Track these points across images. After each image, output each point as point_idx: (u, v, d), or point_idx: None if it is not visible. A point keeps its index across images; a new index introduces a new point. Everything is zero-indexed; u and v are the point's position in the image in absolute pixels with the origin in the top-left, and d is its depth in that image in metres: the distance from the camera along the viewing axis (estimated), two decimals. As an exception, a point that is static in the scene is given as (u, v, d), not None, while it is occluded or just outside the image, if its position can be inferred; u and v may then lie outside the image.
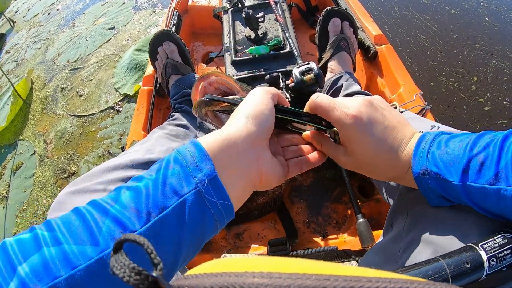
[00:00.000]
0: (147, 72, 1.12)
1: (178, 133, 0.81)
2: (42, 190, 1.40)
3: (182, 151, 0.35)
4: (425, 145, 0.39)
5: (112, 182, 0.55)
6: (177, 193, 0.32)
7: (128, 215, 0.30)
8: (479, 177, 0.34)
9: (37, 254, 0.27)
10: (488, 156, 0.34)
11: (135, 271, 0.14)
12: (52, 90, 1.78)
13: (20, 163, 1.52)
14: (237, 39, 1.06)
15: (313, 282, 0.14)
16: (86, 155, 1.44)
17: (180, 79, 0.96)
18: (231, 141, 0.36)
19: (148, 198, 0.31)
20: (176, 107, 0.92)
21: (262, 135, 0.39)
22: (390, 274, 0.16)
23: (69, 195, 0.52)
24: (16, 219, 1.35)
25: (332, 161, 0.47)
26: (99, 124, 1.53)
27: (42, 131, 1.61)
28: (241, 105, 0.41)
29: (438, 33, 1.60)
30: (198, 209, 0.33)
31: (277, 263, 0.16)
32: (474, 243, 0.35)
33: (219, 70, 0.60)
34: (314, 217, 0.90)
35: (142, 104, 1.05)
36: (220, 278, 0.14)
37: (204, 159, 0.34)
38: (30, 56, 2.15)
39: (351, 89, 0.85)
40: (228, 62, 1.00)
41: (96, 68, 1.81)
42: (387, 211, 0.86)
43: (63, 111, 1.65)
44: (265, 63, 0.97)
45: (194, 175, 0.33)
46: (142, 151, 0.66)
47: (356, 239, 0.80)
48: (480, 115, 1.29)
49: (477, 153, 0.35)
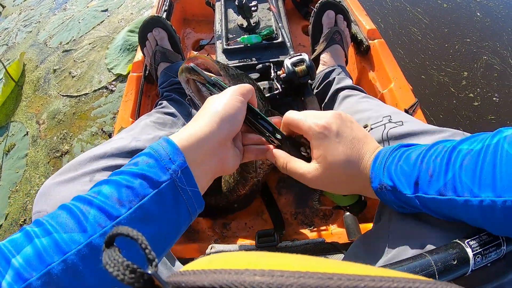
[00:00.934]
0: (136, 58, 1.09)
1: (165, 121, 0.79)
2: (35, 170, 1.39)
3: (156, 147, 0.39)
4: (382, 160, 0.41)
5: (98, 171, 0.54)
6: (154, 183, 0.36)
7: (111, 203, 0.33)
8: (429, 188, 0.36)
9: (29, 246, 0.29)
10: (436, 167, 0.35)
11: (130, 269, 0.13)
12: (44, 72, 1.76)
13: (12, 144, 1.50)
14: (229, 27, 1.04)
15: (316, 281, 0.14)
16: (80, 134, 1.44)
17: (169, 67, 0.94)
18: (200, 140, 0.40)
19: (128, 189, 0.35)
20: (164, 95, 0.90)
21: (229, 135, 0.43)
22: (393, 273, 0.16)
23: (54, 186, 0.51)
24: (9, 200, 1.34)
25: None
26: (92, 104, 1.52)
27: (34, 112, 1.59)
28: (214, 102, 0.44)
29: (429, 26, 1.61)
30: (172, 195, 0.37)
31: (279, 260, 0.15)
32: (460, 240, 0.35)
33: (210, 56, 0.63)
34: (301, 209, 0.91)
35: (131, 91, 1.02)
36: (219, 275, 0.13)
37: (176, 153, 0.38)
38: (21, 40, 2.11)
39: (343, 83, 0.84)
40: (220, 50, 0.98)
41: (88, 50, 1.79)
42: (373, 205, 0.87)
43: (55, 92, 1.63)
44: (257, 52, 0.96)
45: (168, 167, 0.37)
46: (128, 138, 0.65)
47: (342, 231, 0.81)
48: (470, 110, 1.31)
49: (427, 165, 0.36)
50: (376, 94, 0.97)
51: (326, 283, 0.14)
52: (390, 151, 0.41)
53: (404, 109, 0.84)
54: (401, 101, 0.87)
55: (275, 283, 0.13)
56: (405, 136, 0.58)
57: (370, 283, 0.14)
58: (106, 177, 0.53)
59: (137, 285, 0.13)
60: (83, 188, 0.50)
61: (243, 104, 0.45)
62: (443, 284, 0.16)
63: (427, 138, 0.55)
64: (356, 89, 0.83)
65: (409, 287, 0.15)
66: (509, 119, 1.28)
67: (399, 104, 0.87)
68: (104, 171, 0.55)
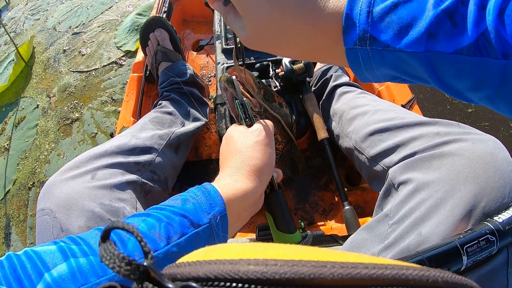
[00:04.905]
0: (137, 59, 1.10)
1: (164, 120, 0.80)
2: (45, 137, 1.41)
3: (198, 191, 0.42)
4: (363, 2, 0.27)
5: (99, 169, 0.56)
6: (194, 224, 0.38)
7: (151, 236, 0.35)
8: (453, 42, 0.24)
9: (64, 263, 0.30)
10: (463, 13, 0.24)
11: (125, 261, 0.13)
12: (54, 53, 1.80)
13: (23, 117, 1.53)
14: (228, 27, 1.04)
15: (310, 269, 0.14)
16: (90, 103, 1.46)
17: (169, 66, 0.95)
18: (239, 196, 0.43)
19: (169, 225, 0.36)
20: (163, 95, 0.91)
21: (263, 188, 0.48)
22: (386, 261, 0.16)
23: (56, 183, 0.52)
24: (18, 167, 1.36)
25: (319, 149, 0.48)
26: (102, 77, 1.55)
27: (45, 87, 1.62)
28: (252, 158, 0.48)
29: None
30: (207, 238, 0.39)
31: (273, 250, 0.15)
32: (460, 244, 0.34)
33: (253, 74, 0.69)
34: (301, 205, 0.91)
35: (132, 91, 1.03)
36: (214, 265, 0.14)
37: (218, 200, 0.41)
38: (29, 26, 2.13)
39: (340, 80, 0.85)
40: (219, 50, 0.99)
41: (98, 32, 1.84)
42: (372, 200, 0.87)
43: (66, 69, 1.67)
44: (256, 51, 0.96)
45: (209, 211, 0.39)
46: (128, 137, 0.67)
47: (342, 226, 0.81)
48: (463, 116, 1.29)
49: (447, 8, 0.24)
50: (374, 91, 0.97)
51: (319, 271, 0.14)
52: None
53: (401, 104, 0.84)
54: (398, 97, 0.88)
55: (269, 271, 0.14)
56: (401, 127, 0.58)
57: (364, 270, 0.15)
58: (107, 175, 0.56)
59: (132, 277, 0.13)
60: (85, 185, 0.51)
61: (272, 154, 0.50)
62: (436, 271, 0.16)
63: (423, 128, 0.54)
64: (353, 85, 0.83)
65: (403, 273, 0.15)
66: (503, 125, 1.26)
67: (396, 99, 0.88)
68: (106, 168, 0.57)
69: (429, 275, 0.16)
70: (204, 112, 0.94)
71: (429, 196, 0.44)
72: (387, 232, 0.46)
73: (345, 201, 0.75)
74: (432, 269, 0.16)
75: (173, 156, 0.76)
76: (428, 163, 0.48)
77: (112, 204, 0.51)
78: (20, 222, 1.21)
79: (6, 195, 1.29)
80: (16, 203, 1.26)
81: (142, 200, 0.61)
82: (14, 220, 1.22)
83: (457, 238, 0.35)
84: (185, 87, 0.92)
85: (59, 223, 0.47)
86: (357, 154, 0.68)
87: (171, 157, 0.75)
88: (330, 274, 0.14)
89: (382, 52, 0.27)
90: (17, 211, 1.23)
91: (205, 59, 1.28)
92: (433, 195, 0.44)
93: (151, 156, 0.67)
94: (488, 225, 0.36)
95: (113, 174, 0.57)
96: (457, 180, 0.43)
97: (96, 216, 0.48)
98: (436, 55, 0.25)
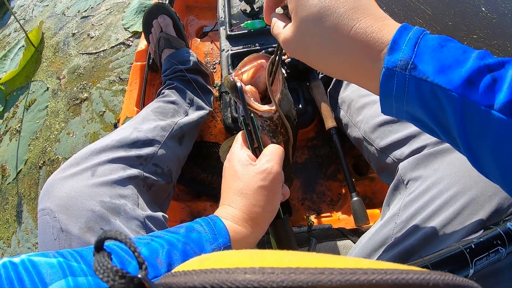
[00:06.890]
0: (140, 47, 1.09)
1: (166, 110, 0.79)
2: (55, 118, 1.47)
3: (203, 221, 0.42)
4: (414, 32, 0.28)
5: (99, 165, 0.55)
6: (196, 253, 0.38)
7: (153, 262, 0.35)
8: (489, 96, 0.25)
9: (63, 281, 0.30)
10: (503, 75, 0.25)
11: (119, 274, 0.13)
12: (64, 37, 1.85)
13: (33, 100, 1.59)
14: (232, 13, 1.02)
15: (308, 276, 0.14)
16: (98, 83, 1.52)
17: (172, 54, 0.94)
18: (238, 239, 0.43)
19: (171, 252, 0.37)
20: (167, 84, 0.90)
21: None
22: (386, 265, 0.16)
23: (56, 182, 0.51)
24: (29, 147, 1.42)
25: (327, 138, 0.47)
26: (110, 58, 1.61)
27: (54, 70, 1.68)
28: (255, 205, 0.45)
29: (433, 18, 1.55)
30: None
31: (269, 257, 0.15)
32: (470, 256, 0.33)
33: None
34: (308, 194, 0.91)
35: (135, 80, 1.02)
36: (210, 275, 0.13)
37: (224, 232, 0.41)
38: (38, 13, 2.17)
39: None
40: (223, 37, 0.97)
41: (106, 15, 1.88)
42: (380, 190, 0.87)
43: (75, 52, 1.72)
44: (261, 38, 0.94)
45: (212, 242, 0.40)
46: (129, 129, 0.66)
47: (350, 218, 0.81)
48: None
49: (489, 64, 0.25)
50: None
51: (317, 278, 0.14)
52: (421, 29, 0.29)
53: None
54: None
55: (266, 280, 0.13)
56: None
57: (363, 276, 0.14)
58: (108, 171, 0.55)
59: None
60: (85, 183, 0.51)
61: (278, 199, 0.47)
62: (437, 274, 0.16)
63: None
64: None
65: (403, 278, 0.15)
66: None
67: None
68: (106, 164, 0.56)
69: (430, 278, 0.16)
70: (208, 100, 0.93)
71: (439, 194, 0.44)
72: (394, 232, 0.46)
73: (353, 191, 0.74)
74: (433, 272, 0.16)
75: (176, 148, 0.75)
76: (440, 159, 0.47)
77: (113, 201, 0.51)
78: (31, 200, 1.27)
79: (18, 175, 1.35)
80: (27, 182, 1.32)
81: (145, 194, 0.60)
82: (25, 198, 1.28)
83: (464, 245, 0.34)
84: (189, 74, 0.90)
85: (59, 223, 0.46)
86: (366, 144, 0.67)
87: (175, 149, 0.74)
88: (329, 281, 0.14)
89: (419, 81, 0.27)
90: (28, 190, 1.30)
91: (210, 46, 1.26)
92: (444, 194, 0.43)
93: (154, 149, 0.66)
94: (499, 231, 0.35)
95: (114, 169, 0.56)
96: (468, 177, 0.43)
97: (96, 215, 0.48)
98: (470, 103, 0.25)
